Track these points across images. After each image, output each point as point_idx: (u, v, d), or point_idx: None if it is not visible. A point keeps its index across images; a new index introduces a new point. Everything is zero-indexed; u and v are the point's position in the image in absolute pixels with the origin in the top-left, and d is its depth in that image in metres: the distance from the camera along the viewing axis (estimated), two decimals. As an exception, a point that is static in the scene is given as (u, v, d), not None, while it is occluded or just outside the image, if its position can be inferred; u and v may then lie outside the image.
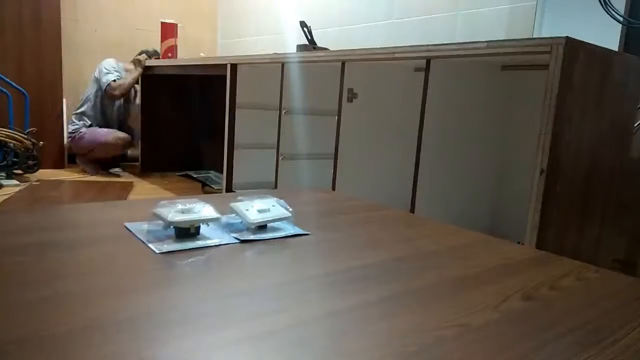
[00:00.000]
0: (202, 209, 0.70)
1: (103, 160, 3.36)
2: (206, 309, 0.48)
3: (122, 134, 3.27)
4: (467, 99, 1.68)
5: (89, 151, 3.28)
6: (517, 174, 1.81)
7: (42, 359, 0.38)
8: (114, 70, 3.28)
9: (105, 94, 3.29)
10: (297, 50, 2.32)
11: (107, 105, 3.36)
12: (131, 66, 3.34)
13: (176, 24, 3.37)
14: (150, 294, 0.50)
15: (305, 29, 2.39)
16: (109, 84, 3.24)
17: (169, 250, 0.64)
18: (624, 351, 0.45)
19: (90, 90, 3.30)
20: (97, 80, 3.29)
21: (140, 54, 3.37)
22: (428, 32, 2.40)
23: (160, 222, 0.69)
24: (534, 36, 1.85)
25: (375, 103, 1.88)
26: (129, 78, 3.27)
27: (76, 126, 3.27)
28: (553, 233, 1.21)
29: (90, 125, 3.30)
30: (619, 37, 1.59)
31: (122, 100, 3.46)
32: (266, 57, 2.18)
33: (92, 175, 3.27)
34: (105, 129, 3.30)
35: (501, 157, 1.85)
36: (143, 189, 2.96)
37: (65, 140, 3.31)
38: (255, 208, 0.76)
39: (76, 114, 3.30)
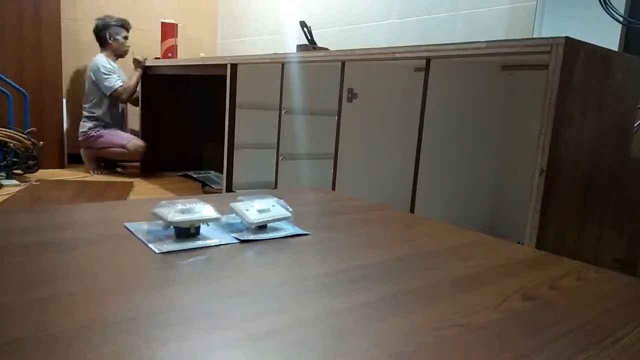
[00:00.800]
0: (202, 209, 0.70)
1: (110, 161, 3.37)
2: (206, 309, 0.48)
3: (141, 142, 3.28)
4: (467, 99, 1.68)
5: (100, 149, 3.28)
6: (517, 174, 1.81)
7: (41, 359, 0.37)
8: (112, 72, 3.28)
9: (111, 99, 3.29)
10: (297, 50, 2.32)
11: (114, 105, 3.37)
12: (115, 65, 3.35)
13: (176, 24, 3.37)
14: (150, 294, 0.50)
15: (305, 29, 2.39)
16: (115, 90, 3.25)
17: (169, 250, 0.64)
18: (624, 351, 0.45)
19: (95, 93, 3.29)
20: (96, 83, 3.28)
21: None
22: (428, 32, 2.40)
23: (160, 222, 0.69)
24: (534, 36, 1.85)
25: (375, 103, 1.88)
26: (133, 80, 3.28)
27: (90, 125, 3.28)
28: (553, 233, 1.21)
29: (106, 125, 3.31)
30: (619, 37, 1.59)
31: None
32: (266, 57, 2.18)
33: (93, 173, 3.28)
34: (126, 134, 3.33)
35: (501, 157, 1.85)
36: (143, 189, 2.96)
37: (79, 138, 3.33)
38: (255, 208, 0.76)
39: (89, 116, 3.30)
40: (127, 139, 3.25)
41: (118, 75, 3.31)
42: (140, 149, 3.24)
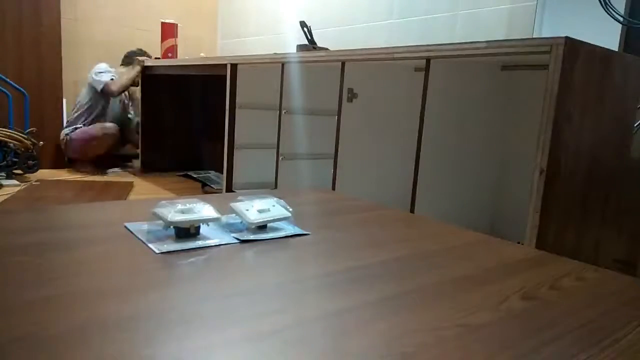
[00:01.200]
0: (202, 209, 0.70)
1: (99, 158, 3.36)
2: (206, 309, 0.48)
3: (108, 125, 3.26)
4: (467, 99, 1.68)
5: (82, 153, 3.28)
6: (517, 174, 1.81)
7: (42, 359, 0.37)
8: (107, 70, 3.27)
9: (103, 93, 3.28)
10: (297, 50, 2.32)
11: (108, 110, 3.35)
12: (123, 69, 3.34)
13: (176, 24, 3.37)
14: (150, 294, 0.50)
15: (305, 29, 2.39)
16: (105, 83, 3.23)
17: (169, 250, 0.64)
18: (624, 351, 0.45)
19: (87, 97, 3.27)
20: (92, 86, 3.27)
21: (126, 56, 3.35)
22: (428, 32, 2.40)
23: (160, 222, 0.69)
24: (534, 36, 1.85)
25: (375, 103, 1.88)
26: (125, 75, 3.27)
27: (67, 131, 3.25)
28: (553, 233, 1.21)
29: (93, 120, 3.29)
30: (619, 37, 1.59)
31: (121, 105, 3.46)
32: (266, 57, 2.18)
33: (91, 175, 3.28)
34: (90, 126, 3.26)
35: (501, 157, 1.85)
36: (143, 189, 2.96)
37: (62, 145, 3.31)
38: (255, 208, 0.76)
39: (73, 120, 3.27)
40: (92, 129, 3.22)
41: (113, 74, 3.31)
42: (107, 130, 3.23)
